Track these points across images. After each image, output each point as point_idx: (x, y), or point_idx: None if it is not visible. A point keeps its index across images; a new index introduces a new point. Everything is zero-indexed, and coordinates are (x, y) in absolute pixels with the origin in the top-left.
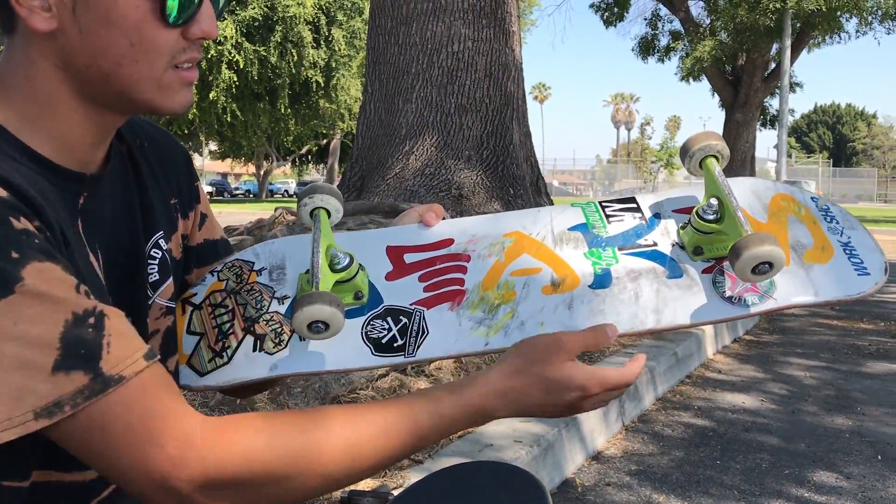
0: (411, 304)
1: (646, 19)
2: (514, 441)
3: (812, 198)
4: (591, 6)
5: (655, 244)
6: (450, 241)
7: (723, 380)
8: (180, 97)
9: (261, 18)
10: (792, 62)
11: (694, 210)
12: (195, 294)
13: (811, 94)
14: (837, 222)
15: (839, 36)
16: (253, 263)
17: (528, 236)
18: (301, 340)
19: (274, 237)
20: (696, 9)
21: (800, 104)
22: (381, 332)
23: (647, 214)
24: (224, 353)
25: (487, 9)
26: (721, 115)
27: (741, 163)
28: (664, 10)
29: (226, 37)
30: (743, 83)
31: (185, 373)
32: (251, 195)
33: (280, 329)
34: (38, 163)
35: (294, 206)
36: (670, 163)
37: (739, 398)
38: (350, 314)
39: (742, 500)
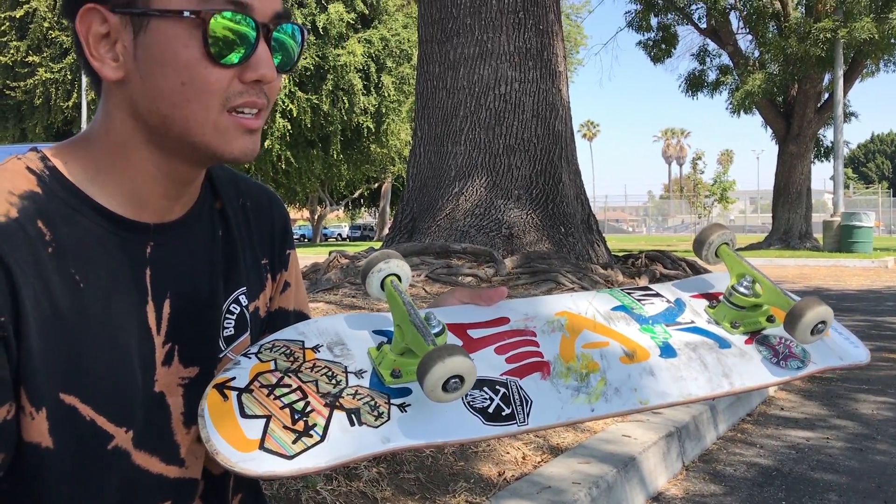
0: (502, 375)
1: (693, 55)
2: (572, 483)
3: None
4: (638, 44)
5: (693, 322)
6: (506, 319)
7: (786, 417)
8: (240, 143)
9: (312, 68)
10: (845, 92)
11: (728, 287)
12: (233, 378)
13: (867, 124)
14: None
15: (894, 64)
16: (302, 342)
17: (578, 315)
18: (402, 411)
19: (329, 280)
20: (745, 42)
21: (856, 134)
22: (484, 402)
23: (672, 298)
24: (312, 432)
25: (534, 51)
26: (774, 148)
27: (797, 196)
28: (712, 45)
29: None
30: (795, 115)
31: (261, 459)
32: (306, 239)
33: (374, 402)
34: (101, 214)
35: (348, 248)
36: (724, 197)
37: (804, 436)
38: None
39: None
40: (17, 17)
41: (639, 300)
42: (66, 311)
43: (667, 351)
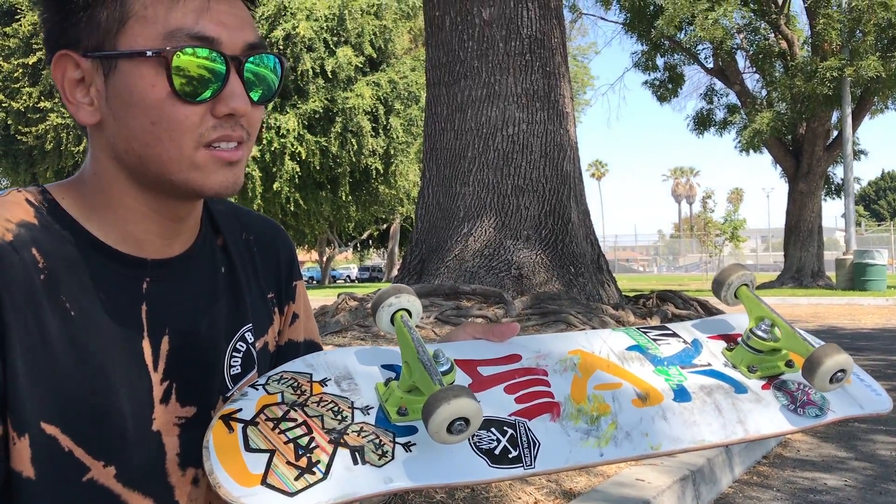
0: (510, 416)
1: (701, 94)
2: None
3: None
4: (645, 84)
5: (710, 364)
6: (517, 357)
7: (803, 459)
8: (219, 177)
9: (321, 111)
10: (854, 129)
11: (746, 330)
12: (239, 409)
13: (878, 161)
14: None
15: None
16: (310, 375)
17: (592, 354)
18: (407, 450)
19: (338, 323)
20: (752, 81)
21: (866, 171)
22: (490, 443)
23: (689, 339)
24: (315, 469)
25: (541, 92)
26: (784, 186)
27: (808, 234)
28: (719, 84)
29: (288, 129)
30: (804, 153)
31: (262, 494)
32: (314, 281)
33: (378, 441)
34: (97, 248)
35: (357, 290)
36: (735, 235)
37: (821, 478)
38: None
39: None
40: (30, 63)
41: (654, 340)
42: (54, 339)
43: (681, 394)
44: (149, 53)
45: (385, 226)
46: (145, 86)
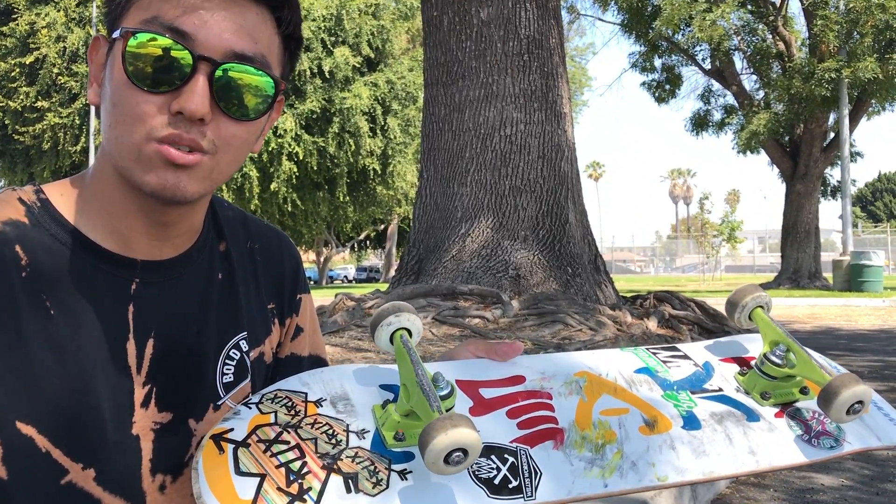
0: (512, 442)
1: (698, 95)
2: None
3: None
4: (643, 85)
5: (721, 389)
6: (521, 378)
7: None
8: (155, 177)
9: (319, 111)
10: (851, 131)
11: (760, 355)
12: (231, 430)
13: (874, 162)
14: None
15: None
16: (306, 394)
17: (598, 377)
18: (402, 478)
19: (335, 323)
20: (749, 82)
21: (863, 173)
22: (490, 472)
23: (700, 362)
24: (306, 497)
25: (539, 93)
26: (781, 187)
27: (805, 235)
28: (717, 86)
29: (286, 130)
30: (802, 154)
31: None
32: (311, 282)
33: (373, 467)
34: (86, 247)
35: (354, 290)
36: (732, 237)
37: (819, 479)
38: None
39: None
40: (27, 63)
41: (664, 362)
42: (31, 337)
43: (690, 422)
44: (116, 34)
45: (382, 226)
46: (116, 67)
